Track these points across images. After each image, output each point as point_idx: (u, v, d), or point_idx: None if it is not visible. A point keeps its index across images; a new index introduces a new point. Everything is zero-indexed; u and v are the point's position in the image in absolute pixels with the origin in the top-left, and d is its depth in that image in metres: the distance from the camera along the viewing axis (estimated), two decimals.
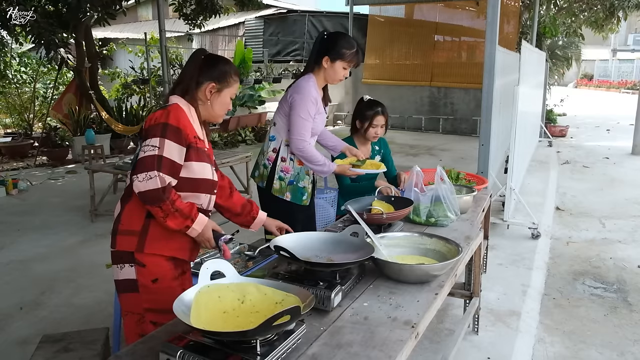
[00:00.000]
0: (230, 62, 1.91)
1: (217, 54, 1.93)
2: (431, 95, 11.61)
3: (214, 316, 1.41)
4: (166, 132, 1.65)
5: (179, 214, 1.65)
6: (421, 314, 1.66)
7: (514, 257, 3.98)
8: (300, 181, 2.68)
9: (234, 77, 1.87)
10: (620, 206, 5.53)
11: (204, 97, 1.82)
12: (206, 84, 1.80)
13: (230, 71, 1.85)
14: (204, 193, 1.83)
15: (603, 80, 30.07)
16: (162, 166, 1.62)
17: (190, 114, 1.77)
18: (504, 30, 10.29)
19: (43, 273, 3.83)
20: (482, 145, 4.50)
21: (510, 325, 2.88)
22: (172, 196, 1.64)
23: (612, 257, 4.03)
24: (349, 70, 2.60)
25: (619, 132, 11.46)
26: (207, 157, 1.83)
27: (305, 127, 2.52)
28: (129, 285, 1.73)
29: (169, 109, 1.71)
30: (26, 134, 10.15)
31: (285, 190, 2.67)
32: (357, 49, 2.55)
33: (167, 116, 1.68)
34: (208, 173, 1.82)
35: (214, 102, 1.84)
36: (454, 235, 2.37)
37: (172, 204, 1.63)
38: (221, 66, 1.84)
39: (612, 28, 13.06)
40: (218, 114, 1.88)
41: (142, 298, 1.72)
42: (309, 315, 1.64)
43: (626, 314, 3.08)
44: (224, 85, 1.84)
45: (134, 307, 1.74)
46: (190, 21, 9.57)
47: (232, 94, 1.89)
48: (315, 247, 1.95)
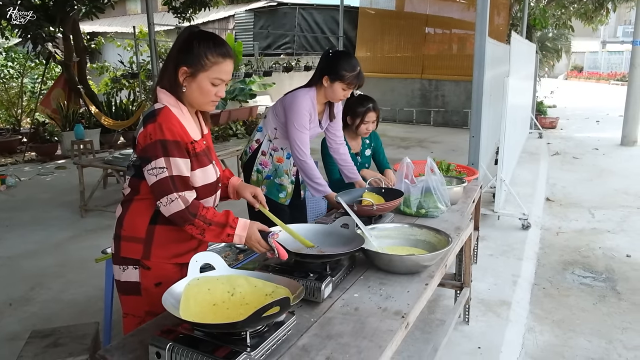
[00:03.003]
0: (214, 39, 1.61)
1: (206, 31, 1.68)
2: (422, 87, 11.62)
3: (203, 308, 1.41)
4: (167, 149, 1.53)
5: (215, 226, 1.58)
6: (411, 304, 1.67)
7: (505, 247, 4.01)
8: (277, 178, 2.74)
9: (213, 57, 1.58)
10: (609, 196, 5.59)
11: (182, 84, 1.61)
12: (180, 69, 1.59)
13: (204, 51, 1.57)
14: (210, 196, 1.74)
15: (593, 72, 30.27)
16: (177, 186, 1.54)
17: (182, 114, 1.63)
18: (494, 22, 10.30)
19: (32, 269, 3.80)
20: (473, 137, 4.51)
21: (501, 315, 2.90)
22: (201, 211, 1.57)
23: (601, 247, 4.07)
24: (352, 90, 2.57)
25: (608, 123, 11.55)
26: (207, 157, 1.70)
27: (301, 137, 2.53)
28: (131, 287, 1.68)
29: (159, 121, 1.54)
30: (14, 129, 10.02)
31: (261, 183, 2.74)
32: (358, 72, 2.50)
33: (161, 131, 1.53)
34: (211, 176, 1.71)
35: (191, 90, 1.61)
36: (444, 226, 2.38)
37: (203, 219, 1.56)
38: (195, 45, 1.57)
39: (602, 20, 13.13)
40: (199, 102, 1.65)
41: (144, 301, 1.67)
42: (300, 307, 1.64)
43: (615, 303, 3.11)
44: (198, 68, 1.58)
45: (135, 309, 1.69)
46: (179, 14, 9.49)
47: (212, 78, 1.60)
48: (306, 238, 1.94)
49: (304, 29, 13.48)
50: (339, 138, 2.78)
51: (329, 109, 2.69)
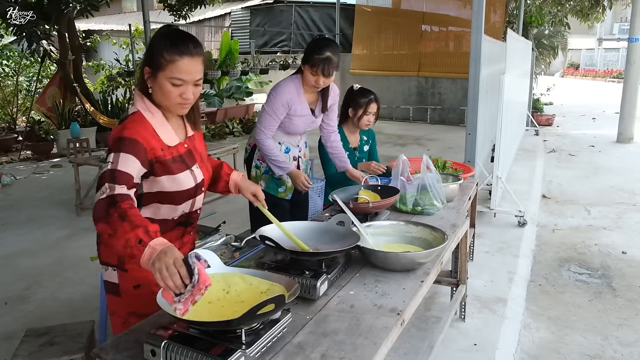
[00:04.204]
0: (174, 37, 1.50)
1: (176, 29, 1.57)
2: (419, 85, 11.62)
3: (198, 306, 1.40)
4: (120, 145, 1.45)
5: (127, 224, 1.28)
6: (407, 301, 1.67)
7: (501, 244, 4.02)
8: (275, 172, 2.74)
9: (168, 55, 1.47)
10: (605, 193, 5.61)
11: (148, 85, 1.54)
12: (144, 69, 1.53)
13: (160, 49, 1.47)
14: (180, 203, 1.66)
15: (589, 69, 30.32)
16: (114, 178, 1.39)
17: (153, 117, 1.56)
18: (491, 20, 10.30)
19: (28, 268, 3.79)
20: (469, 134, 4.51)
21: (497, 312, 2.91)
22: (122, 204, 1.33)
23: (597, 244, 4.09)
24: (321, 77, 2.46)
25: (604, 120, 11.59)
26: (183, 163, 1.61)
27: (267, 121, 2.55)
28: (112, 287, 1.67)
29: (126, 124, 1.50)
30: (9, 128, 9.98)
31: (260, 178, 2.76)
32: (326, 57, 2.41)
33: (122, 129, 1.48)
34: (184, 183, 1.61)
35: (154, 91, 1.53)
36: (440, 224, 2.38)
37: (120, 212, 1.30)
38: (153, 43, 1.50)
39: (598, 17, 13.15)
40: (165, 104, 1.55)
41: (124, 302, 1.66)
42: (295, 304, 1.64)
43: (610, 299, 3.13)
44: (156, 67, 1.49)
45: (118, 309, 1.69)
46: (175, 12, 9.44)
47: (170, 78, 1.49)
48: (302, 236, 1.94)
49: (300, 27, 13.45)
50: (332, 127, 2.78)
51: (321, 99, 2.66)
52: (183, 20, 9.63)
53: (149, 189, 1.59)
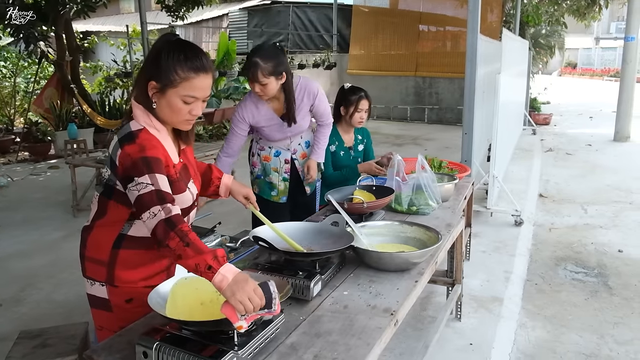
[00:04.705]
0: (186, 51, 1.43)
1: (183, 40, 1.49)
2: (416, 85, 11.62)
3: (191, 308, 1.40)
4: (151, 166, 1.37)
5: (191, 250, 1.26)
6: (400, 301, 1.67)
7: (497, 244, 4.02)
8: (266, 176, 2.77)
9: (183, 72, 1.40)
10: (602, 192, 5.61)
11: (152, 100, 1.46)
12: (149, 83, 1.44)
13: (173, 65, 1.40)
14: None
15: (586, 68, 30.40)
16: (162, 199, 1.33)
17: (159, 134, 1.48)
18: (488, 19, 10.31)
19: (24, 269, 3.78)
20: (465, 134, 4.50)
21: (493, 311, 2.91)
22: (182, 226, 1.29)
23: (594, 242, 4.09)
24: (254, 84, 2.41)
25: (601, 119, 11.60)
26: (183, 181, 1.56)
27: (228, 136, 2.65)
28: (101, 303, 1.58)
29: (139, 142, 1.41)
30: (7, 129, 9.97)
31: (254, 183, 2.79)
32: (252, 62, 2.36)
33: (142, 149, 1.39)
34: (186, 201, 1.56)
35: (161, 107, 1.45)
36: (435, 223, 2.38)
37: (181, 234, 1.27)
38: (163, 58, 1.41)
39: (594, 16, 13.18)
40: (170, 120, 1.48)
41: (116, 317, 1.57)
42: (289, 305, 1.64)
43: (606, 298, 3.13)
44: (166, 84, 1.41)
45: (108, 324, 1.59)
46: (172, 13, 9.43)
47: (183, 96, 1.42)
48: (296, 237, 1.94)
49: (297, 27, 13.45)
50: (320, 121, 2.74)
51: (285, 103, 2.56)
52: (180, 21, 9.61)
53: None
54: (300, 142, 2.77)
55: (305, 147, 2.79)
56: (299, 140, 2.76)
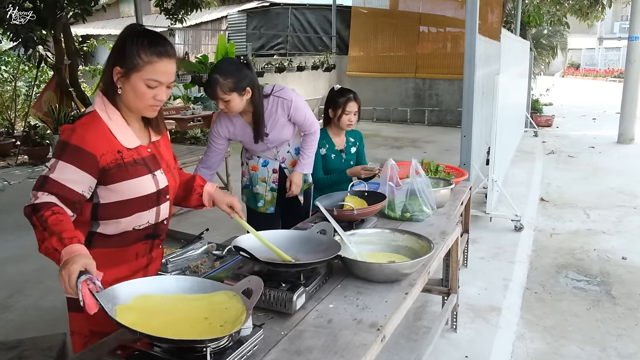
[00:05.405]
0: (150, 37, 1.47)
1: (147, 29, 1.53)
2: (416, 86, 11.54)
3: (163, 325, 1.32)
4: (64, 152, 1.40)
5: (47, 233, 1.29)
6: (388, 315, 1.59)
7: (496, 250, 3.93)
8: (253, 186, 2.70)
9: (146, 56, 1.43)
10: (605, 196, 5.50)
11: (116, 86, 1.48)
12: (114, 69, 1.46)
13: (136, 49, 1.43)
14: (144, 210, 1.56)
15: (590, 69, 30.23)
16: (44, 186, 1.37)
17: (109, 119, 1.49)
18: (488, 20, 10.22)
19: (14, 274, 3.72)
20: (464, 137, 4.42)
21: (490, 322, 2.82)
22: (44, 212, 1.32)
23: (596, 249, 3.98)
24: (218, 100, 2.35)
25: (605, 120, 11.49)
26: (145, 166, 1.54)
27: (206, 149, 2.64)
28: (74, 303, 1.56)
29: (76, 126, 1.44)
30: (8, 132, 9.97)
31: (242, 192, 2.76)
32: (211, 79, 2.30)
33: (70, 133, 1.42)
34: (143, 188, 1.52)
35: (125, 92, 1.47)
36: (429, 231, 2.30)
37: (40, 219, 1.31)
38: (127, 43, 1.44)
39: (597, 16, 13.06)
40: (135, 106, 1.49)
41: (86, 319, 1.52)
42: (271, 319, 1.56)
43: (609, 308, 3.02)
44: (130, 68, 1.43)
45: (80, 327, 1.59)
46: (171, 16, 9.40)
47: (146, 79, 1.45)
48: (282, 245, 1.86)
49: (296, 29, 13.40)
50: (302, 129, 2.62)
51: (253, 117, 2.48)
52: (180, 24, 9.59)
53: (106, 198, 1.50)
54: (289, 149, 2.68)
55: (295, 154, 2.70)
56: (286, 148, 2.67)
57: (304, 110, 2.55)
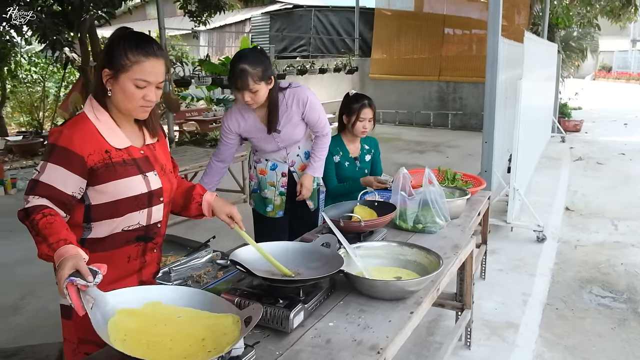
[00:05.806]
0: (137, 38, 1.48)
1: (136, 32, 1.53)
2: (440, 90, 11.34)
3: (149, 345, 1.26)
4: (52, 154, 1.42)
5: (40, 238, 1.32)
6: (391, 336, 1.50)
7: (516, 262, 3.76)
8: (262, 191, 2.64)
9: (133, 56, 1.44)
10: (635, 206, 5.25)
11: (106, 88, 1.48)
12: (103, 71, 1.47)
13: (124, 50, 1.44)
14: (135, 211, 1.54)
15: (622, 72, 29.25)
16: (35, 189, 1.40)
17: (98, 121, 1.50)
18: (515, 22, 9.96)
19: (26, 277, 3.74)
20: (486, 143, 4.29)
21: (507, 339, 2.68)
22: (35, 215, 1.35)
23: (624, 263, 3.78)
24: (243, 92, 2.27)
25: (637, 126, 11.07)
26: (136, 167, 1.53)
27: (218, 145, 2.58)
28: (65, 311, 1.57)
29: (64, 128, 1.46)
30: (37, 132, 10.24)
31: (250, 196, 2.71)
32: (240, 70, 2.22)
33: (58, 135, 1.44)
34: (133, 189, 1.51)
35: (115, 93, 1.47)
36: (441, 244, 2.20)
37: (32, 224, 1.34)
38: (115, 45, 1.46)
39: (630, 17, 12.63)
40: (126, 107, 1.49)
41: (75, 326, 1.54)
42: (266, 337, 1.49)
43: (636, 327, 2.85)
44: (118, 69, 1.44)
45: (69, 334, 1.58)
46: (195, 18, 9.49)
47: (134, 80, 1.45)
48: (283, 258, 1.79)
49: (319, 31, 13.35)
50: (317, 132, 2.58)
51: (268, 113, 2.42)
52: (203, 26, 9.66)
53: (97, 200, 1.50)
54: (298, 152, 2.61)
55: (305, 158, 2.63)
56: (296, 151, 2.60)
57: (318, 111, 2.52)
